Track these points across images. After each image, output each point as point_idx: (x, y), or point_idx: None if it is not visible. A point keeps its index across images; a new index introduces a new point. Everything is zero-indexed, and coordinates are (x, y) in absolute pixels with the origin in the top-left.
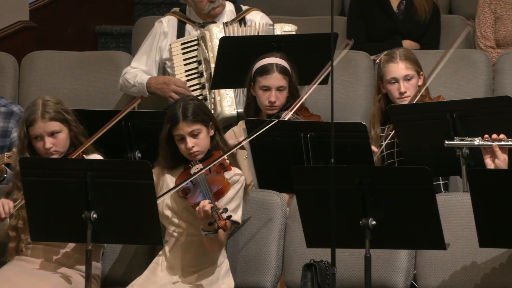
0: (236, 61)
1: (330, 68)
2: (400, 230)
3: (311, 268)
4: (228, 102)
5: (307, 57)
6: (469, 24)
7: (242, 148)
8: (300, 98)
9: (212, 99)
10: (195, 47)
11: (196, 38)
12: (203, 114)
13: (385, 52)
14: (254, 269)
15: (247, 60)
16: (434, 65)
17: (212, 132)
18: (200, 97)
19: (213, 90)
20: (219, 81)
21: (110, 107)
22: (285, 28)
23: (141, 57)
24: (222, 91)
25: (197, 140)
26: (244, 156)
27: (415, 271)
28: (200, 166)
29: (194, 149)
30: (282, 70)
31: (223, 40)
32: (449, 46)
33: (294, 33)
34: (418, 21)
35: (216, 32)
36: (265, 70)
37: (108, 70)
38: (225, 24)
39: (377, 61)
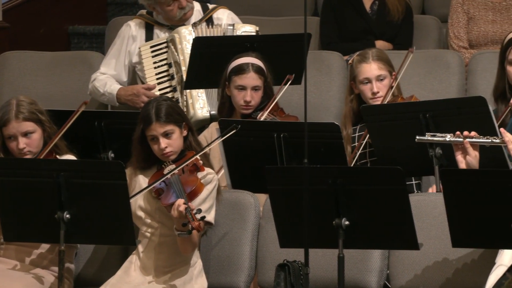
0: (210, 61)
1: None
2: (373, 230)
3: (285, 268)
4: (200, 104)
5: (280, 57)
6: (411, 52)
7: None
8: (274, 97)
9: (185, 102)
10: (165, 50)
11: (165, 40)
12: (176, 114)
13: (358, 53)
14: (228, 269)
15: (220, 60)
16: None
17: (185, 133)
18: (172, 100)
19: (185, 93)
20: (193, 81)
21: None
22: (245, 29)
23: (110, 61)
24: (194, 93)
25: (170, 141)
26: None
27: (388, 271)
28: (173, 166)
29: (167, 150)
30: (258, 70)
31: (196, 40)
32: (397, 72)
33: (254, 33)
34: (391, 21)
35: (186, 35)
36: (241, 70)
37: (81, 70)
38: (194, 26)
39: (350, 61)
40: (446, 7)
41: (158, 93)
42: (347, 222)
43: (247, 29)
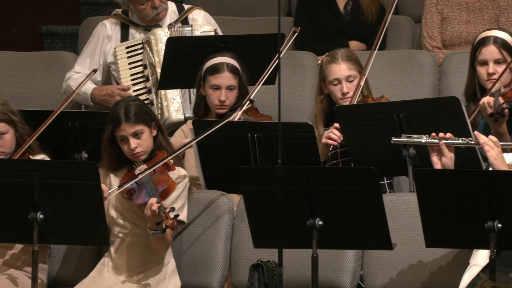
0: (183, 62)
1: (273, 67)
2: (347, 230)
3: (258, 269)
4: (175, 107)
5: (254, 57)
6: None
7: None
8: (248, 97)
9: (159, 104)
10: (140, 51)
11: (141, 42)
12: (145, 114)
13: (327, 53)
14: (201, 269)
15: (194, 60)
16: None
17: (154, 132)
18: (146, 102)
19: (159, 95)
20: (166, 81)
21: (56, 107)
22: (204, 28)
23: (84, 61)
24: (169, 96)
25: (140, 141)
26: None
27: (362, 271)
28: (144, 166)
29: (137, 150)
30: (233, 70)
31: (170, 41)
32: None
33: (213, 33)
34: (365, 21)
35: (162, 36)
36: (216, 69)
37: (54, 70)
38: (170, 27)
39: (319, 61)
40: (419, 7)
41: (133, 94)
42: (321, 222)
43: (206, 29)
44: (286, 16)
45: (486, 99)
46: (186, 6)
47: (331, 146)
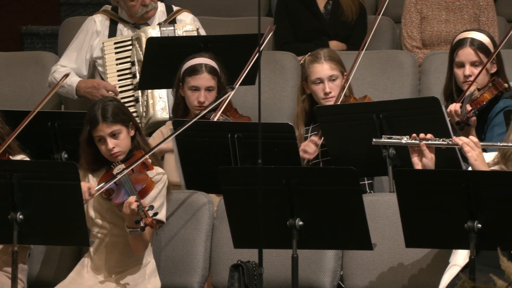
0: (163, 62)
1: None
2: (327, 230)
3: (238, 269)
4: (161, 106)
5: (235, 57)
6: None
7: (171, 151)
8: (226, 97)
9: (145, 102)
10: (129, 47)
11: (130, 38)
12: (122, 114)
13: (309, 53)
14: (181, 269)
15: (174, 60)
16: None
17: (132, 132)
18: (131, 98)
19: (146, 93)
20: (146, 81)
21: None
22: (186, 28)
23: (71, 54)
24: (156, 94)
25: (117, 141)
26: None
27: (342, 272)
28: (122, 166)
29: (115, 150)
30: (211, 70)
31: (150, 41)
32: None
33: (195, 32)
34: (345, 21)
35: (153, 34)
36: (194, 70)
37: (34, 70)
38: (160, 26)
39: (301, 61)
40: (399, 7)
41: (119, 90)
42: (301, 223)
43: (188, 28)
44: (266, 16)
45: (453, 107)
46: (175, 8)
47: (306, 160)
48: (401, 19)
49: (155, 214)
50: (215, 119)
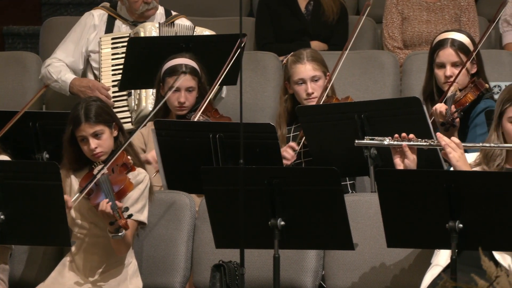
0: (145, 62)
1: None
2: (309, 230)
3: (220, 269)
4: (151, 101)
5: (216, 57)
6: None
7: (148, 162)
8: (205, 98)
9: (137, 95)
10: (126, 44)
11: (128, 35)
12: (105, 114)
13: (292, 53)
14: (163, 269)
15: (155, 60)
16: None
17: (115, 133)
18: (124, 92)
19: None
20: (128, 81)
21: (18, 107)
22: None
23: (67, 46)
24: (149, 91)
25: (100, 141)
26: (153, 174)
27: (323, 272)
28: (103, 166)
29: (97, 150)
30: (192, 71)
31: (131, 41)
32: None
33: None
34: (326, 22)
35: (152, 31)
36: (174, 71)
37: (15, 70)
38: (161, 24)
39: (284, 61)
40: (380, 7)
41: (111, 84)
42: (282, 223)
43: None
44: (248, 16)
45: (439, 106)
46: (173, 13)
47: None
48: (382, 20)
49: (130, 215)
50: (195, 120)
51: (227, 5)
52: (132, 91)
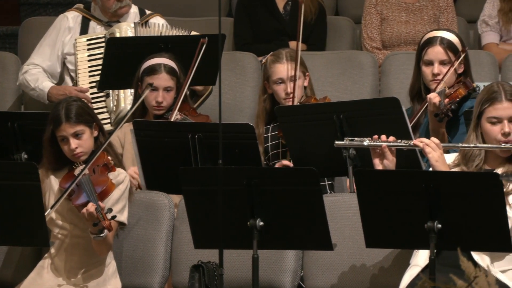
0: (123, 62)
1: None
2: (288, 230)
3: (199, 269)
4: (131, 100)
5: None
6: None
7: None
8: (179, 97)
9: (116, 96)
10: (102, 45)
11: (103, 36)
12: (86, 115)
13: (272, 53)
14: (142, 270)
15: (134, 60)
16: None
17: (95, 133)
18: (102, 94)
19: None
20: (106, 81)
21: None
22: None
23: (43, 51)
24: (127, 91)
25: (80, 141)
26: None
27: (302, 272)
28: (84, 166)
29: (78, 150)
30: (170, 71)
31: (110, 41)
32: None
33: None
34: (304, 22)
35: (128, 31)
36: (153, 70)
37: None
38: (136, 24)
39: (263, 61)
40: (359, 8)
41: (89, 85)
42: (261, 223)
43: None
44: (227, 16)
45: (433, 96)
46: (147, 11)
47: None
48: (361, 20)
49: (114, 217)
50: (173, 119)
51: (206, 5)
52: (110, 92)
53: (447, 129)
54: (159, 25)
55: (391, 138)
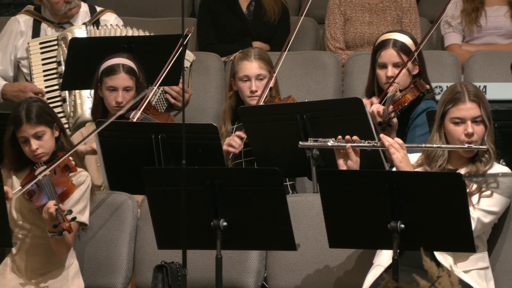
0: (86, 62)
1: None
2: (251, 231)
3: (162, 270)
4: (89, 105)
5: (158, 58)
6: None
7: (94, 153)
8: (146, 98)
9: (72, 102)
10: (55, 47)
11: (56, 38)
12: (47, 115)
13: (240, 50)
14: (105, 270)
15: (97, 61)
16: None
17: (56, 133)
18: (58, 98)
19: (73, 93)
20: (69, 82)
21: None
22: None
23: None
24: (84, 94)
25: (41, 142)
26: (97, 164)
27: (266, 272)
28: (44, 167)
29: (39, 151)
30: (129, 71)
31: (73, 41)
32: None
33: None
34: (268, 22)
35: (79, 34)
36: (112, 71)
37: None
38: (87, 25)
39: (231, 58)
40: (323, 8)
41: (45, 90)
42: (225, 223)
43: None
44: (190, 17)
45: (375, 108)
46: (98, 8)
47: (232, 154)
48: (325, 21)
49: (74, 218)
50: (135, 119)
51: (169, 6)
52: (67, 97)
53: (400, 135)
54: (111, 26)
55: (355, 138)
